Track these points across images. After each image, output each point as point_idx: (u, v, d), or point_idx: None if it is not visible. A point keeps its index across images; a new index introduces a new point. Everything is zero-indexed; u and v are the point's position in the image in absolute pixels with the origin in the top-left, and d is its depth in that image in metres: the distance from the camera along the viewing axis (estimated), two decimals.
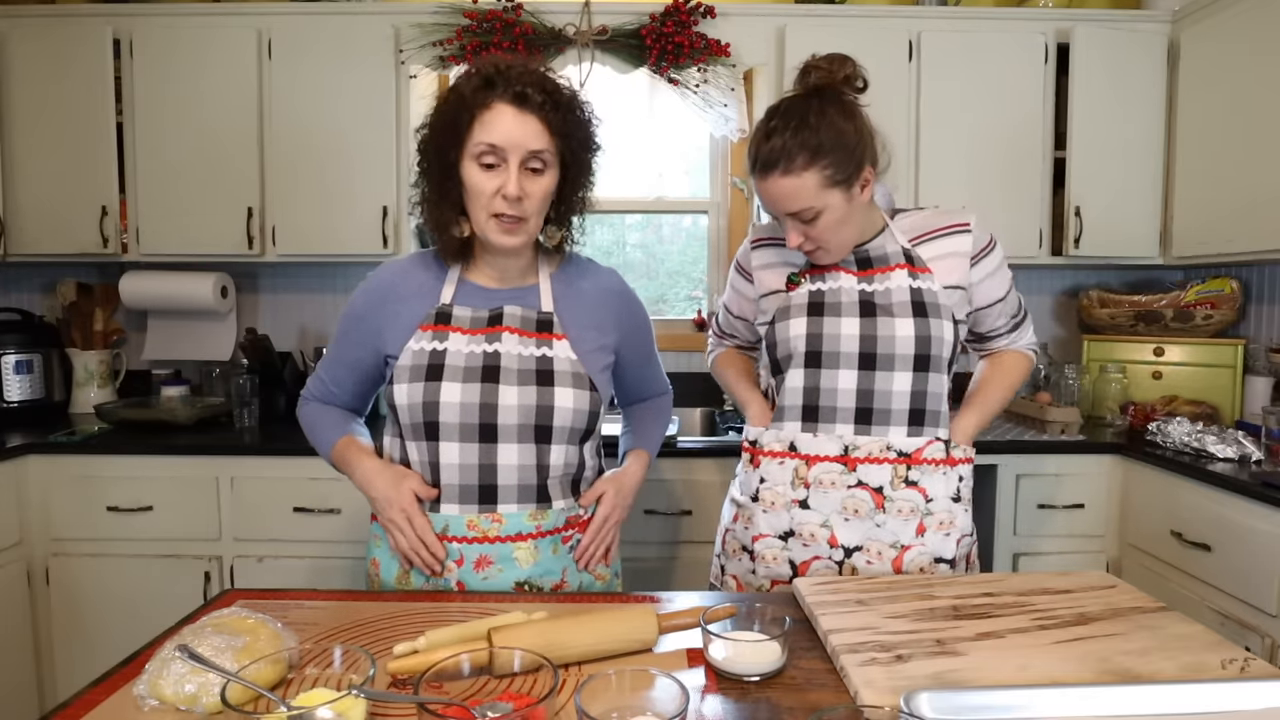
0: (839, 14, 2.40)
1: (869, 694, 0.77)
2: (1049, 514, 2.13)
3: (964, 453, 1.25)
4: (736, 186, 2.78)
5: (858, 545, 1.21)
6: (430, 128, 1.13)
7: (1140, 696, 0.75)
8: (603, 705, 0.68)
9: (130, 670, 0.83)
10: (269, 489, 2.08)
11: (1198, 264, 2.45)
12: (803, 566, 1.24)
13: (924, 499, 1.21)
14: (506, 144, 1.06)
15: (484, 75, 1.08)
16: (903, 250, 1.23)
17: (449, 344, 1.13)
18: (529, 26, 2.34)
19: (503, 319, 1.16)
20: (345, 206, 2.36)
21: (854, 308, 1.21)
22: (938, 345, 1.19)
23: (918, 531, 1.21)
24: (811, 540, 1.23)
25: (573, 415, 1.14)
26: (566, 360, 1.15)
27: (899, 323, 1.19)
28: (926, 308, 1.19)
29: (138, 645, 0.92)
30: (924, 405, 1.21)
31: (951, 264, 1.22)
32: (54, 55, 2.31)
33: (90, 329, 2.59)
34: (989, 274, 1.25)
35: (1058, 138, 2.41)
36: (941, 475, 1.22)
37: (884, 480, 1.20)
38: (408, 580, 1.17)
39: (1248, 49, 2.11)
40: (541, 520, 1.15)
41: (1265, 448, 1.86)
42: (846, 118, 1.14)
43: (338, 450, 1.23)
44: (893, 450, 1.20)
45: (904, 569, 1.21)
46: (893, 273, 1.22)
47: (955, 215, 1.25)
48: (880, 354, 1.19)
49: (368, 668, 0.74)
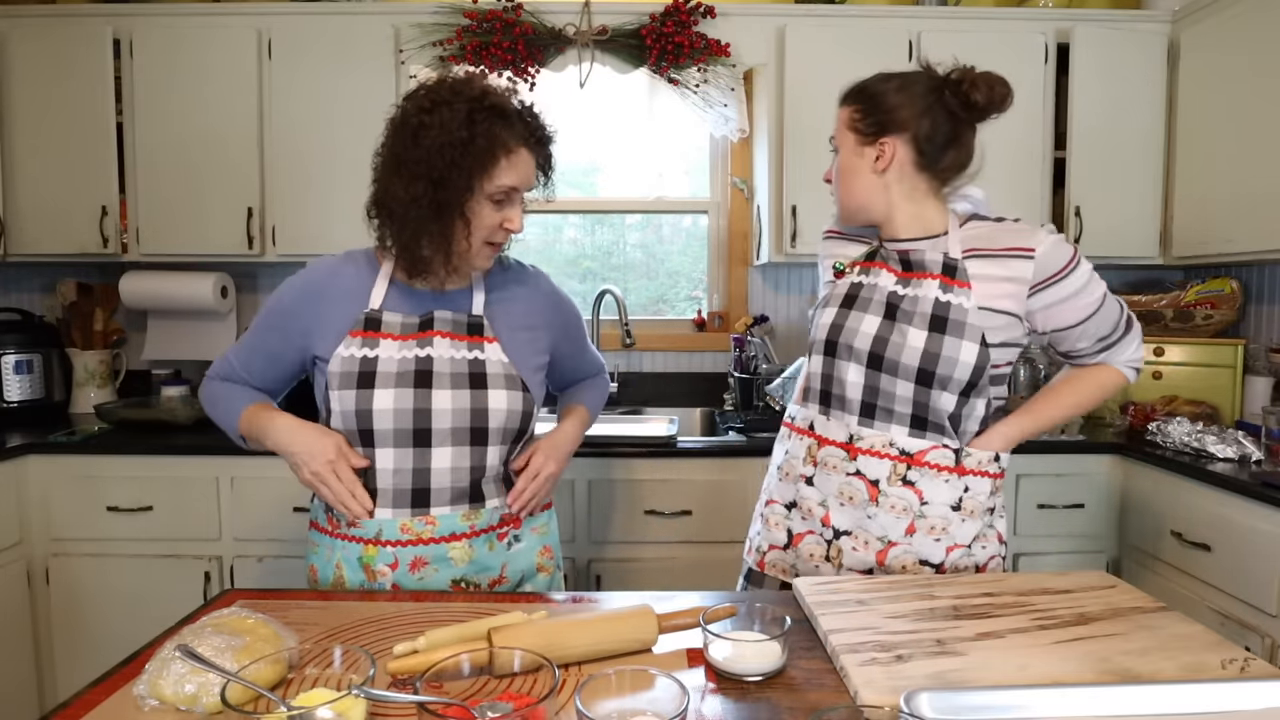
0: (839, 14, 2.40)
1: (869, 694, 0.77)
2: (1049, 514, 2.13)
3: (979, 464, 1.20)
4: (736, 186, 2.78)
5: (847, 530, 1.23)
6: (433, 154, 1.06)
7: (1140, 696, 0.75)
8: (603, 705, 0.68)
9: (130, 670, 0.83)
10: (269, 489, 2.08)
11: (1198, 264, 2.45)
12: (797, 538, 1.28)
13: (919, 501, 1.19)
14: (522, 186, 1.12)
15: (501, 111, 1.08)
16: (944, 260, 1.18)
17: (380, 350, 1.13)
18: (529, 26, 2.34)
19: (434, 323, 1.16)
20: (345, 206, 2.36)
21: (880, 307, 1.21)
22: (948, 365, 1.14)
23: (907, 531, 1.20)
24: (809, 515, 1.27)
25: (506, 416, 1.15)
26: (499, 363, 1.17)
27: (912, 332, 1.16)
28: (948, 324, 1.15)
29: (138, 645, 0.92)
30: (927, 415, 1.18)
31: (1001, 288, 1.16)
32: (54, 55, 2.32)
33: (90, 329, 2.59)
34: (1060, 300, 1.17)
35: (1058, 138, 2.41)
36: (944, 482, 1.19)
37: (881, 474, 1.20)
38: (343, 583, 1.16)
39: (1248, 49, 2.11)
40: (475, 520, 1.16)
41: (1265, 448, 1.86)
42: (912, 97, 1.19)
43: (246, 415, 1.19)
44: (895, 448, 1.19)
45: (886, 564, 1.21)
46: (926, 281, 1.19)
47: (1025, 236, 1.17)
48: (887, 357, 1.18)
49: (368, 668, 0.74)
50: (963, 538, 1.21)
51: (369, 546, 1.13)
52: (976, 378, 1.15)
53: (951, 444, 1.20)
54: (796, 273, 2.77)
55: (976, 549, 1.23)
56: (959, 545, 1.21)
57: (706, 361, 2.76)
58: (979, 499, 1.21)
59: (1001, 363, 1.19)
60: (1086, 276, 1.17)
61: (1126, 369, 1.27)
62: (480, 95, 1.08)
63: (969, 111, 1.17)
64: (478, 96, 1.08)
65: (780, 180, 2.39)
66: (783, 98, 2.37)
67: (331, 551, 1.18)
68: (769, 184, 2.43)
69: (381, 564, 1.13)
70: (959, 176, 1.24)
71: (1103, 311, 1.20)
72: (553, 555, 1.29)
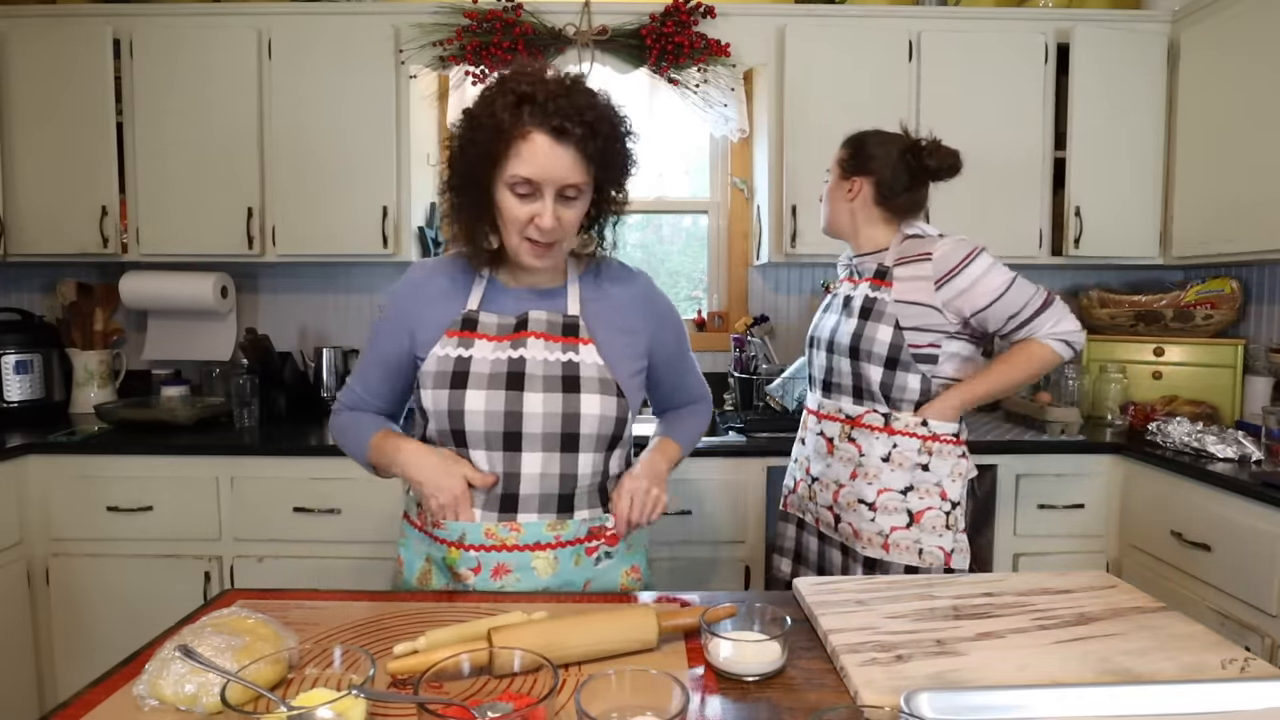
0: (839, 14, 2.40)
1: (869, 694, 0.77)
2: (1049, 514, 2.13)
3: (905, 426, 1.51)
4: (736, 186, 2.78)
5: (816, 476, 1.64)
6: (461, 144, 1.07)
7: (1140, 696, 0.75)
8: (603, 705, 0.68)
9: (130, 670, 0.83)
10: (269, 489, 2.08)
11: (1198, 264, 2.45)
12: (797, 484, 1.71)
13: (859, 454, 1.54)
14: (542, 178, 1.02)
15: (519, 94, 1.01)
16: (877, 267, 1.55)
17: (474, 350, 1.11)
18: (529, 26, 2.34)
19: (528, 324, 1.13)
20: (345, 206, 2.37)
21: (838, 308, 1.62)
22: (868, 342, 1.51)
23: (851, 476, 1.55)
24: (798, 467, 1.71)
25: (599, 422, 1.11)
26: (594, 366, 1.12)
27: (847, 321, 1.56)
28: (871, 313, 1.52)
29: (138, 645, 0.92)
30: (862, 385, 1.54)
31: (914, 285, 1.49)
32: (54, 55, 2.32)
33: (90, 329, 2.59)
34: (965, 289, 1.45)
35: (1058, 138, 2.41)
36: (876, 439, 1.52)
37: (834, 434, 1.60)
38: (429, 580, 1.16)
39: (1248, 49, 2.11)
40: (561, 530, 1.12)
41: (1265, 448, 1.86)
42: (885, 152, 1.56)
43: (375, 442, 1.18)
44: (843, 414, 1.58)
45: (839, 500, 1.57)
46: (864, 284, 1.57)
47: (925, 245, 1.50)
48: (837, 341, 1.57)
49: (368, 668, 0.74)
50: (894, 484, 1.51)
51: (452, 549, 1.11)
52: (895, 354, 1.49)
53: (880, 409, 1.53)
54: (796, 273, 2.77)
55: (912, 499, 1.50)
56: (888, 489, 1.51)
57: (706, 361, 2.76)
58: (907, 454, 1.51)
59: (921, 344, 1.49)
60: (984, 266, 1.45)
61: (1053, 342, 1.48)
62: (509, 79, 1.04)
63: (923, 172, 1.54)
64: (505, 80, 1.04)
65: (780, 180, 2.39)
66: (783, 98, 2.37)
67: (420, 546, 1.17)
68: (769, 184, 2.43)
69: (464, 567, 1.11)
70: (913, 215, 1.59)
71: (1011, 294, 1.45)
72: (640, 575, 1.23)
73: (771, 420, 2.30)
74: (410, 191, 2.40)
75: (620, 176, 1.13)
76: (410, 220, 2.42)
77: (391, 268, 2.70)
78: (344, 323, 2.75)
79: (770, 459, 2.12)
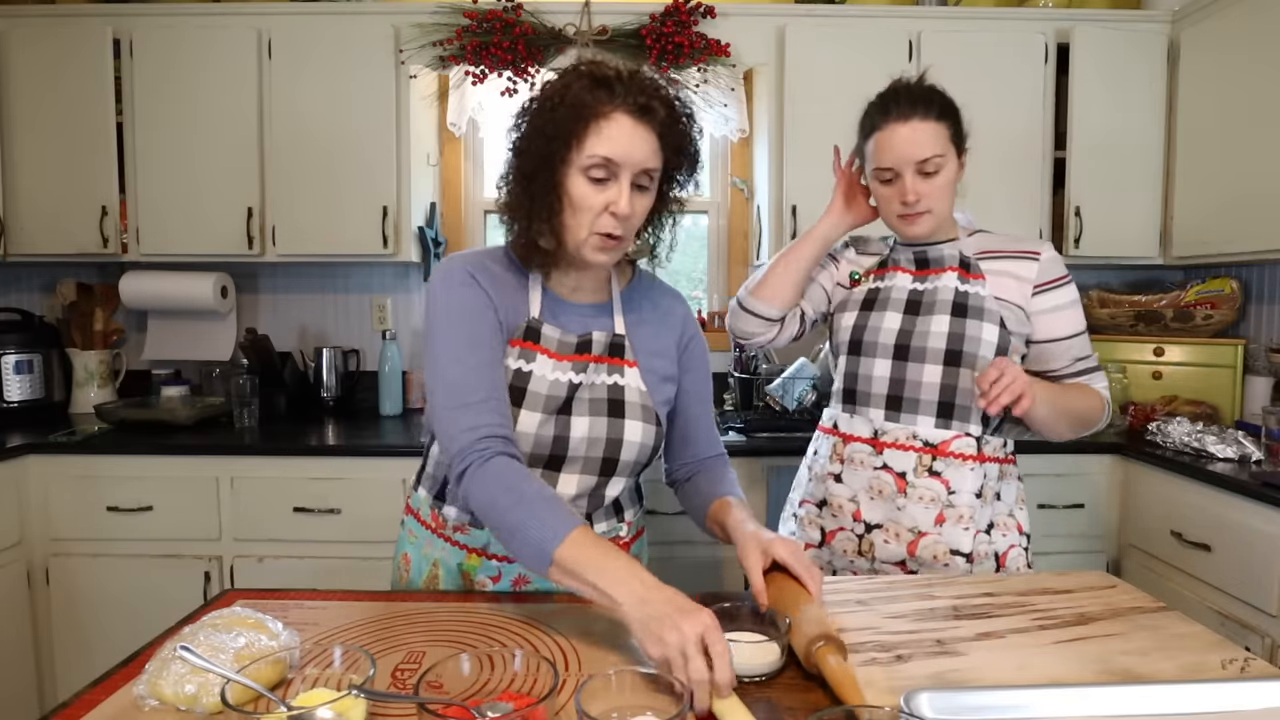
0: (839, 14, 2.40)
1: (869, 694, 0.77)
2: (1049, 514, 2.13)
3: (994, 451, 1.26)
4: (736, 186, 2.78)
5: (878, 523, 1.27)
6: (531, 128, 1.01)
7: (1140, 696, 0.75)
8: (603, 705, 0.68)
9: (130, 670, 0.83)
10: (269, 489, 2.08)
11: (1198, 264, 2.45)
12: (830, 535, 1.33)
13: (946, 490, 1.23)
14: (623, 159, 0.97)
15: (598, 77, 0.98)
16: (960, 256, 1.29)
17: (535, 366, 1.05)
18: (529, 26, 2.34)
19: (591, 346, 1.08)
20: (345, 206, 2.36)
21: (900, 304, 1.30)
22: (973, 344, 1.22)
23: (937, 521, 1.23)
24: (839, 512, 1.31)
25: (639, 450, 1.08)
26: (636, 390, 1.09)
27: (935, 319, 1.25)
28: (968, 309, 1.24)
29: (138, 645, 0.92)
30: (954, 399, 1.24)
31: (1010, 283, 1.26)
32: (54, 55, 2.31)
33: (90, 329, 2.59)
34: (1056, 308, 1.27)
35: (1058, 138, 2.41)
36: (969, 470, 1.24)
37: (908, 467, 1.25)
38: (436, 584, 1.13)
39: (1248, 49, 2.11)
40: None
41: (1265, 448, 1.86)
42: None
43: (573, 540, 0.85)
44: (919, 439, 1.25)
45: (917, 554, 1.24)
46: (944, 274, 1.28)
47: (1030, 243, 1.29)
48: (914, 346, 1.25)
49: (368, 668, 0.74)
50: (983, 524, 1.25)
51: (472, 555, 1.09)
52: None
53: (974, 431, 1.25)
54: None
55: (996, 536, 1.27)
56: (980, 531, 1.25)
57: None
58: (990, 484, 1.26)
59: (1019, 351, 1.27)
60: (1076, 294, 1.29)
61: (1107, 400, 1.31)
62: (582, 67, 1.00)
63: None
64: (578, 67, 1.01)
65: (780, 180, 2.38)
66: (783, 98, 2.37)
67: (430, 548, 1.14)
68: (769, 184, 2.43)
69: (483, 575, 1.09)
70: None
71: (1086, 335, 1.30)
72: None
73: (772, 420, 2.30)
74: (410, 191, 2.40)
75: (691, 167, 1.08)
76: (410, 220, 2.42)
77: (391, 268, 2.70)
78: (344, 323, 2.75)
79: (770, 459, 2.12)
